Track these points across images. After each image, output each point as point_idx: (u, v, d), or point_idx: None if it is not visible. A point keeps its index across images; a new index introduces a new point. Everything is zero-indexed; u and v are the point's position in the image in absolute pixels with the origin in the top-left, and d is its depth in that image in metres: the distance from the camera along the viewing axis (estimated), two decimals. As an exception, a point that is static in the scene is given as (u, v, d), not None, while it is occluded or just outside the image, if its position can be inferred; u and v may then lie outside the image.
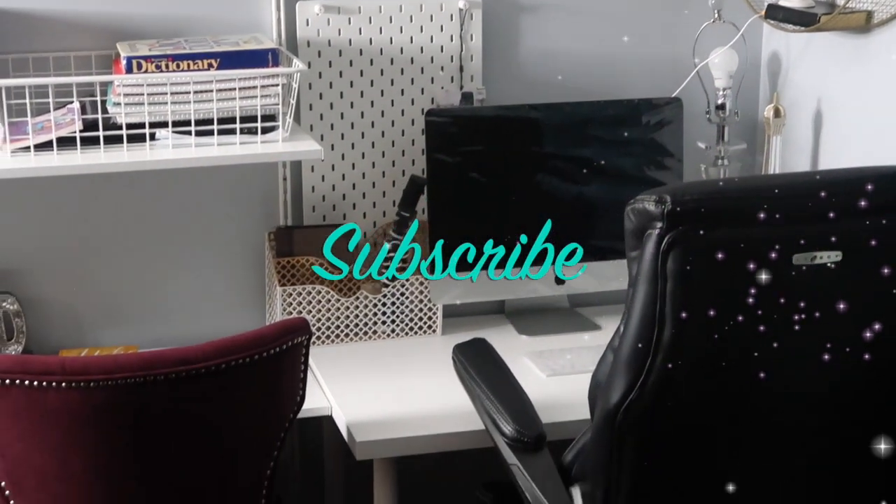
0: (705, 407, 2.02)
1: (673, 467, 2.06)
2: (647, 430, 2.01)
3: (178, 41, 2.60)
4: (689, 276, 1.92)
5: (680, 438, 2.04)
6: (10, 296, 2.73)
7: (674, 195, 1.92)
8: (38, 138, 2.43)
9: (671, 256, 1.91)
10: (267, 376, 2.15)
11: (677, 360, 1.96)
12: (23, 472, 2.09)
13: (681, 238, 1.91)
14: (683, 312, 1.93)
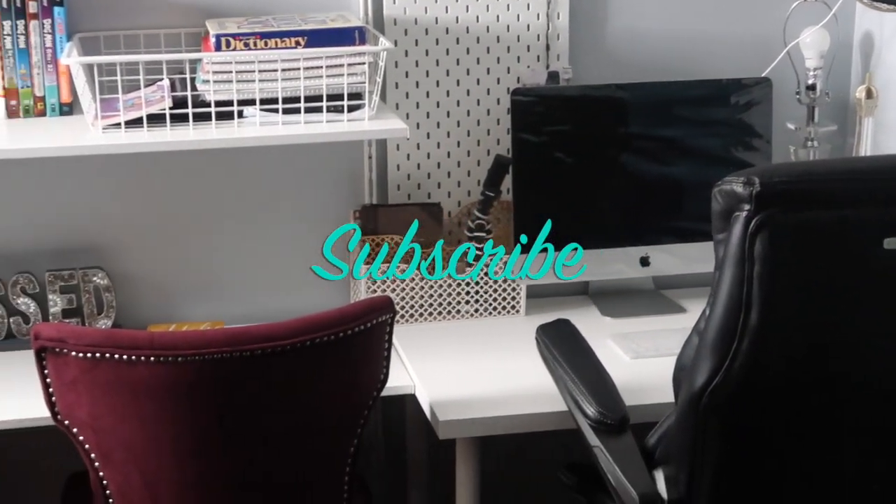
0: (791, 391, 2.00)
1: (757, 451, 2.03)
2: (731, 414, 1.99)
3: (266, 19, 2.61)
4: (776, 260, 1.89)
5: (764, 422, 2.02)
6: (101, 270, 2.77)
7: (762, 177, 1.89)
8: (129, 115, 2.46)
9: (759, 239, 1.89)
10: (351, 354, 2.17)
11: (764, 344, 1.93)
12: (112, 445, 2.12)
13: (769, 221, 1.88)
14: (771, 296, 1.91)
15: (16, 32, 2.55)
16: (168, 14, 2.71)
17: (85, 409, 2.11)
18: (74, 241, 2.81)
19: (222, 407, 2.08)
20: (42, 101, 2.61)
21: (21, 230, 2.78)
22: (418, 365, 2.60)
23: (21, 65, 2.57)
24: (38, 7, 2.54)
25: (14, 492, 2.93)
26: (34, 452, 2.83)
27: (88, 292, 2.77)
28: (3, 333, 2.75)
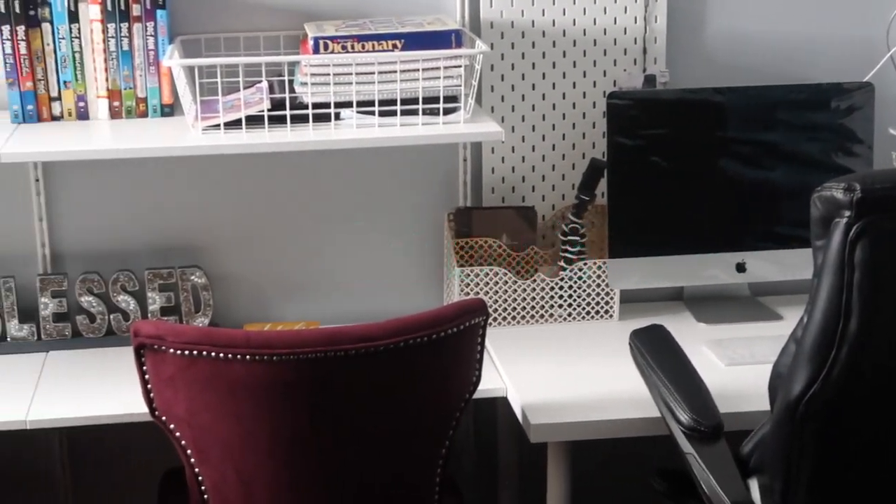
0: (888, 399, 1.96)
1: (854, 461, 2.00)
2: (828, 423, 1.96)
3: (364, 22, 2.63)
4: (877, 267, 1.86)
5: (862, 432, 1.99)
6: (199, 269, 2.81)
7: (863, 183, 1.86)
8: (228, 116, 2.50)
9: (859, 246, 1.86)
10: (444, 356, 2.17)
11: (862, 352, 1.90)
12: (208, 442, 2.15)
13: (870, 227, 1.85)
14: (870, 304, 1.87)
15: (119, 35, 2.60)
16: (267, 17, 2.74)
17: (182, 405, 2.14)
18: (173, 241, 2.85)
19: (316, 406, 2.10)
20: (144, 102, 2.66)
21: (122, 229, 2.83)
22: (511, 368, 2.60)
23: (124, 66, 2.62)
24: (141, 10, 2.59)
25: (113, 486, 2.99)
26: (132, 447, 2.89)
27: (186, 291, 2.81)
28: (103, 330, 2.80)
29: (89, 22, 2.59)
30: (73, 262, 2.82)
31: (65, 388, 2.57)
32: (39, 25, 2.58)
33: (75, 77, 2.62)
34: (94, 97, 2.64)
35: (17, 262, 2.80)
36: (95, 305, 2.79)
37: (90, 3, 2.58)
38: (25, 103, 2.61)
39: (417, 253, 2.94)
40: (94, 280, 2.78)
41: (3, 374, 2.64)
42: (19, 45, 2.57)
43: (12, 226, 2.79)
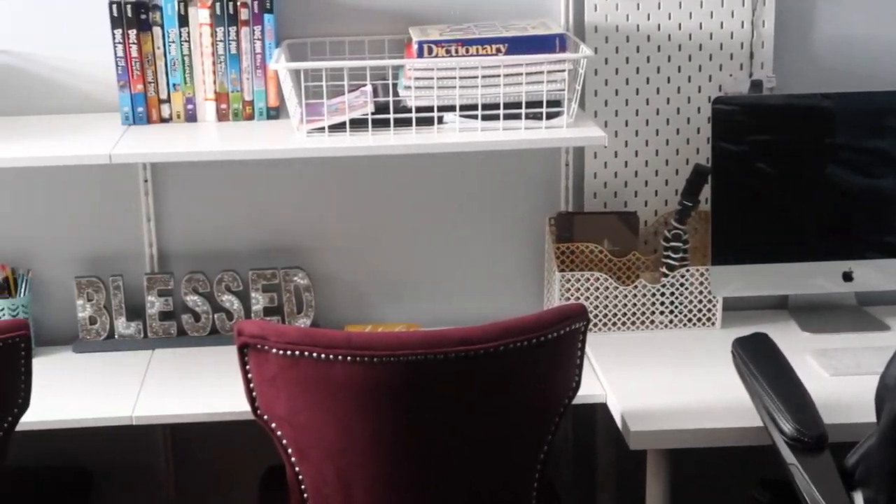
0: None
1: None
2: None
3: (468, 26, 2.64)
4: None
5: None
6: (301, 271, 2.84)
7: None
8: (332, 119, 2.52)
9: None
10: (544, 360, 2.17)
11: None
12: (309, 441, 2.17)
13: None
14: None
15: (227, 39, 2.64)
16: (373, 21, 2.76)
17: (283, 404, 2.17)
18: (277, 242, 2.89)
19: (416, 409, 2.11)
20: (250, 104, 2.69)
21: (227, 230, 2.88)
22: (610, 374, 2.58)
23: (232, 70, 2.66)
24: (249, 14, 2.63)
25: (215, 482, 3.03)
26: (235, 445, 2.93)
27: (289, 291, 2.85)
28: (207, 329, 2.84)
29: (198, 26, 2.63)
30: (179, 262, 2.87)
31: (170, 386, 2.62)
32: (150, 29, 2.63)
33: (184, 80, 2.67)
34: (202, 100, 2.69)
35: (126, 261, 2.85)
36: (200, 305, 2.83)
37: (200, 8, 2.62)
38: (136, 105, 2.67)
39: (518, 257, 2.94)
40: (200, 280, 2.83)
41: (110, 370, 2.70)
42: (131, 48, 2.62)
43: (121, 225, 2.85)
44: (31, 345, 2.18)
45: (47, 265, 2.85)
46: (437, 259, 2.93)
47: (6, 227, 2.83)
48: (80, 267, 2.85)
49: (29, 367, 2.19)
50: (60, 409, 2.50)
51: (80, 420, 2.48)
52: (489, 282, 2.95)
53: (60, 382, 2.65)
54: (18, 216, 2.83)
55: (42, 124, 2.69)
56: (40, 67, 2.74)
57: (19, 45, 2.73)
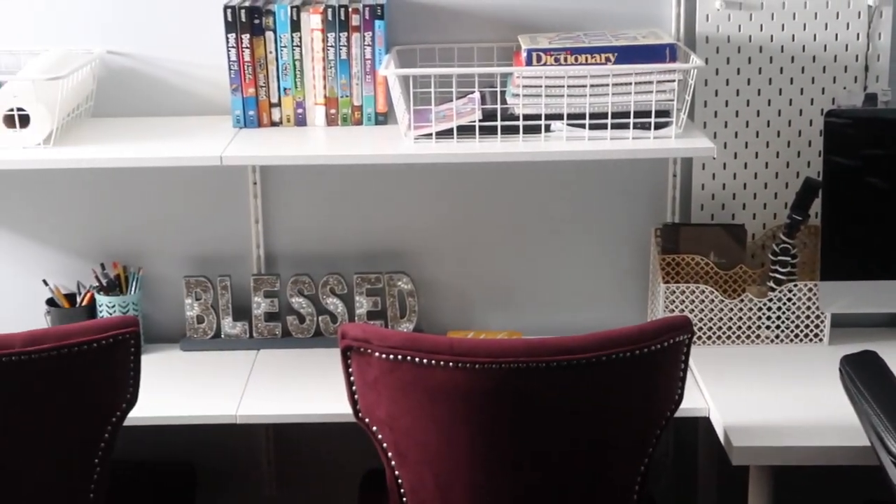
0: None
1: None
2: None
3: (578, 35, 2.63)
4: None
5: None
6: (405, 276, 2.86)
7: None
8: (440, 126, 2.53)
9: None
10: (646, 372, 2.15)
11: None
12: (408, 445, 2.18)
13: None
14: None
15: (338, 44, 2.67)
16: (482, 29, 2.77)
17: (384, 408, 2.18)
18: (382, 246, 2.91)
19: (516, 416, 2.11)
20: (359, 110, 2.72)
21: (333, 233, 2.90)
22: (714, 388, 2.55)
23: (342, 75, 2.69)
24: (360, 20, 2.65)
25: (315, 482, 3.06)
26: (336, 446, 2.95)
27: (393, 296, 2.86)
28: (311, 331, 2.87)
29: (310, 31, 2.66)
30: (285, 264, 2.91)
31: (273, 386, 2.65)
32: (263, 34, 2.66)
33: (295, 84, 2.70)
34: (311, 104, 2.72)
35: (234, 262, 2.90)
36: (305, 307, 2.87)
37: (312, 13, 2.65)
38: (247, 109, 2.71)
39: (622, 268, 2.92)
40: (305, 282, 2.86)
41: (216, 369, 2.75)
42: (243, 52, 2.66)
43: (231, 227, 2.89)
44: (140, 342, 2.23)
45: (158, 264, 2.91)
46: (541, 267, 2.93)
47: (119, 226, 2.90)
48: (189, 266, 2.90)
49: (138, 364, 2.24)
50: (167, 406, 2.55)
51: (186, 417, 2.53)
52: (592, 292, 2.93)
53: (167, 379, 2.70)
54: (131, 215, 2.89)
55: (157, 126, 2.74)
56: (157, 70, 2.80)
57: (137, 49, 2.79)
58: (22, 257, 2.91)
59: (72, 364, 2.14)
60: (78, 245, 2.90)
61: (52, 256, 2.91)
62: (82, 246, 2.90)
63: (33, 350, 2.10)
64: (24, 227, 2.90)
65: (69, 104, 2.65)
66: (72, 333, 2.14)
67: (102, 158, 2.53)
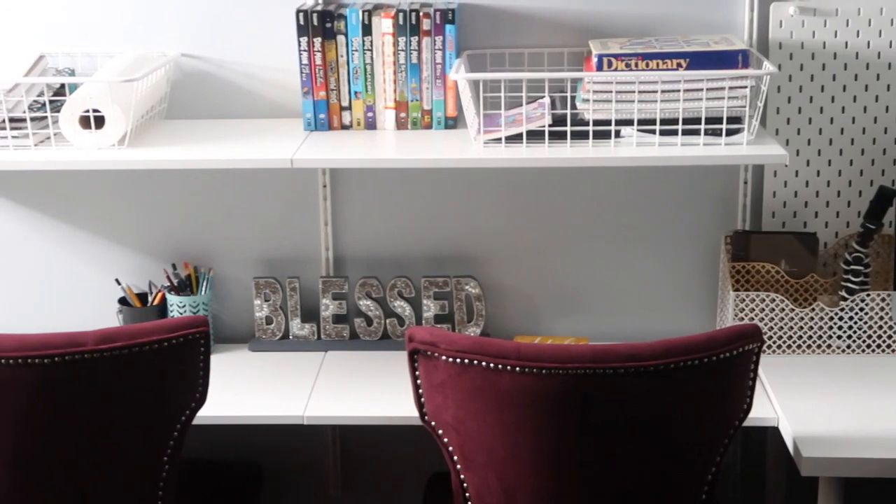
0: None
1: None
2: None
3: (649, 40, 2.62)
4: None
5: None
6: (473, 280, 2.86)
7: None
8: (510, 130, 2.53)
9: None
10: (715, 380, 2.13)
11: None
12: (474, 448, 2.18)
13: None
14: None
15: (409, 48, 2.68)
16: (553, 34, 2.76)
17: (450, 411, 2.18)
18: (450, 250, 2.91)
19: (582, 422, 2.10)
20: (429, 114, 2.73)
21: (401, 236, 2.91)
22: (783, 398, 2.52)
23: (412, 79, 2.70)
24: (431, 24, 2.66)
25: (381, 484, 3.07)
26: (402, 449, 2.96)
27: (460, 300, 2.87)
28: (379, 333, 2.88)
29: (381, 35, 2.68)
30: (353, 267, 2.92)
31: (340, 387, 2.66)
32: (335, 38, 2.68)
33: (365, 88, 2.71)
34: (381, 108, 2.73)
35: (303, 264, 2.92)
36: (373, 309, 2.88)
37: (383, 17, 2.67)
38: (318, 112, 2.73)
39: (691, 275, 2.90)
40: (373, 285, 2.87)
41: (284, 370, 2.76)
42: (315, 56, 2.68)
43: (300, 229, 2.91)
44: (209, 342, 2.25)
45: (228, 265, 2.94)
46: (609, 273, 2.92)
47: (190, 227, 2.93)
48: (258, 268, 2.93)
49: (207, 363, 2.26)
50: (235, 405, 2.57)
51: (254, 417, 2.55)
52: (660, 298, 2.92)
53: (236, 379, 2.72)
54: (202, 216, 2.92)
55: (229, 128, 2.77)
56: (229, 73, 2.83)
57: (211, 52, 2.82)
58: (95, 257, 2.95)
59: (143, 363, 2.17)
60: (150, 245, 2.94)
61: (124, 256, 2.95)
62: (154, 246, 2.94)
63: (105, 348, 2.13)
64: (97, 227, 2.94)
65: (143, 106, 2.68)
66: (143, 332, 2.17)
67: (175, 160, 2.56)
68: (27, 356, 2.11)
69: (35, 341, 2.12)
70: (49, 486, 2.21)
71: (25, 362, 2.11)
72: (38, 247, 2.95)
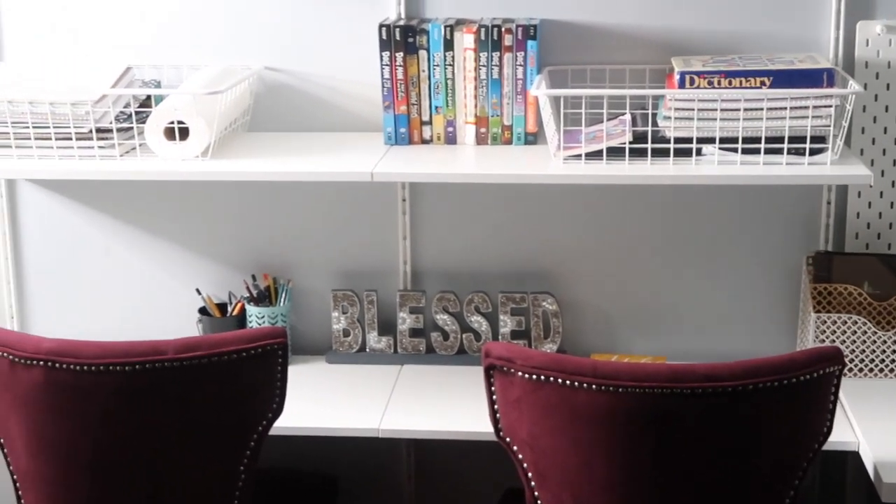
0: None
1: None
2: None
3: (732, 58, 2.60)
4: None
5: None
6: (550, 296, 2.85)
7: None
8: (590, 147, 2.52)
9: None
10: (794, 403, 2.11)
11: None
12: (548, 466, 2.18)
13: None
14: None
15: (490, 64, 2.68)
16: (636, 51, 2.75)
17: (525, 428, 2.18)
18: (527, 266, 2.91)
19: (658, 442, 2.08)
20: (509, 129, 2.73)
21: (479, 251, 2.91)
22: (864, 421, 2.48)
23: (493, 94, 2.70)
24: (513, 40, 2.66)
25: (455, 499, 3.07)
26: (476, 464, 2.96)
27: (537, 316, 2.86)
28: (455, 348, 2.89)
29: (463, 50, 2.68)
30: (431, 281, 2.93)
31: (416, 401, 2.67)
32: (417, 53, 2.69)
33: (446, 103, 2.72)
34: (462, 123, 2.74)
35: (381, 277, 2.93)
36: (450, 324, 2.88)
37: (465, 33, 2.67)
38: (399, 126, 2.74)
39: (771, 295, 2.87)
40: (450, 299, 2.88)
41: (360, 382, 2.78)
42: (397, 70, 2.70)
43: (379, 242, 2.93)
44: (287, 353, 2.27)
45: (307, 277, 2.96)
46: (687, 292, 2.89)
47: (270, 239, 2.96)
48: (336, 280, 2.95)
49: (285, 374, 2.28)
50: (312, 417, 2.59)
51: (330, 429, 2.57)
52: (739, 318, 2.89)
53: (313, 391, 2.74)
54: (283, 228, 2.95)
55: (310, 141, 2.79)
56: (311, 86, 2.86)
57: (293, 65, 2.85)
58: (177, 266, 2.99)
59: (222, 372, 2.19)
60: (230, 256, 2.97)
61: (205, 266, 2.98)
62: (234, 257, 2.97)
63: (185, 357, 2.16)
64: (179, 237, 2.98)
65: (227, 118, 2.72)
66: (223, 342, 2.19)
67: (257, 172, 2.59)
68: (109, 363, 2.14)
69: (117, 349, 2.16)
70: (126, 492, 2.24)
71: (107, 369, 2.14)
72: (122, 255, 3.00)
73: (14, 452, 2.29)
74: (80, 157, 2.63)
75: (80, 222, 2.99)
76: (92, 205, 2.98)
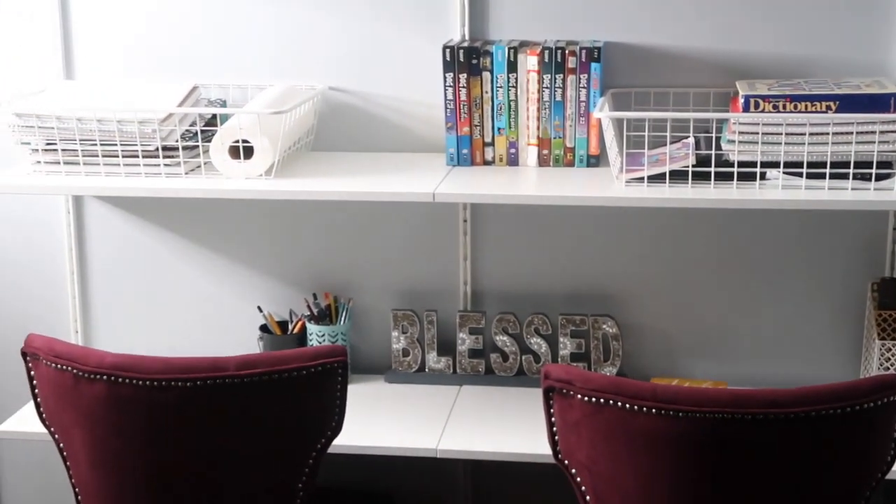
0: None
1: None
2: None
3: (798, 82, 2.58)
4: None
5: None
6: (611, 319, 2.84)
7: None
8: (652, 170, 2.52)
9: None
10: (857, 431, 2.08)
11: None
12: (607, 490, 2.16)
13: None
14: None
15: (554, 86, 2.68)
16: (700, 73, 2.74)
17: (584, 451, 2.17)
18: (588, 288, 2.90)
19: (719, 467, 2.07)
20: (572, 151, 2.73)
21: (539, 273, 2.91)
22: (929, 451, 2.44)
23: (556, 116, 2.70)
24: (576, 62, 2.66)
25: (510, 522, 3.06)
26: (534, 486, 2.94)
27: (597, 339, 2.85)
28: (514, 370, 2.88)
29: (526, 72, 2.69)
30: (491, 302, 2.93)
31: (475, 422, 2.67)
32: (480, 74, 2.70)
33: (509, 125, 2.73)
34: (524, 144, 2.74)
35: (441, 297, 2.94)
36: (509, 345, 2.88)
37: (529, 55, 2.68)
38: (461, 147, 2.75)
39: (834, 321, 2.84)
40: (510, 320, 2.87)
41: (419, 402, 2.78)
42: (460, 91, 2.71)
43: (439, 263, 2.93)
44: (347, 371, 2.27)
45: (367, 296, 2.97)
46: (749, 317, 2.87)
47: (332, 258, 2.97)
48: (397, 300, 2.95)
49: (344, 393, 2.28)
50: (370, 436, 2.59)
51: (388, 448, 2.57)
52: (802, 345, 2.86)
53: (372, 410, 2.74)
54: (344, 247, 2.96)
55: (373, 161, 2.81)
56: (375, 107, 2.87)
57: (357, 86, 2.87)
58: (239, 284, 3.01)
59: (282, 389, 2.20)
60: (292, 274, 2.99)
61: (267, 284, 3.00)
62: (296, 275, 2.99)
63: (246, 374, 2.17)
64: (242, 255, 3.00)
65: (291, 137, 2.74)
66: (283, 360, 2.20)
67: (320, 191, 2.61)
68: (170, 378, 2.16)
69: (178, 364, 2.18)
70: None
71: (169, 384, 2.16)
72: (185, 272, 3.03)
73: (76, 465, 2.32)
74: (146, 174, 2.66)
75: (145, 239, 3.03)
76: (156, 222, 3.01)
